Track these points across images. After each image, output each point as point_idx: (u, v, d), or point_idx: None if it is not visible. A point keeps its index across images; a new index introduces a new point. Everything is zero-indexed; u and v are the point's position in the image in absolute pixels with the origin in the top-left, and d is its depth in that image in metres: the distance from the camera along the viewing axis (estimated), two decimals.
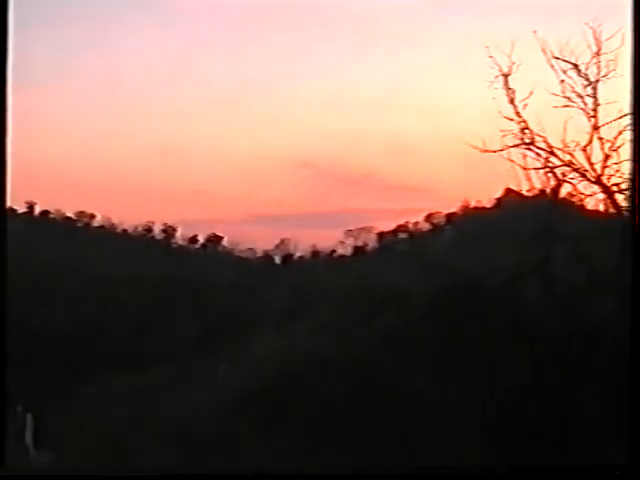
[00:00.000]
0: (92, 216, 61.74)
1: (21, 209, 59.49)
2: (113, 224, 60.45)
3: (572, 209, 18.26)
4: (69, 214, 61.75)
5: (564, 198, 18.25)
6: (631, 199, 6.64)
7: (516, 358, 13.75)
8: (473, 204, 37.32)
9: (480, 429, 13.46)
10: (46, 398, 56.75)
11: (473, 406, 13.71)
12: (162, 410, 35.22)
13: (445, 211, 42.08)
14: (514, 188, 20.35)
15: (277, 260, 61.32)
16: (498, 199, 31.89)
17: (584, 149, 18.21)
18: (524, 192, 18.85)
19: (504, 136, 19.35)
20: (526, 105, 19.31)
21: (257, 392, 22.35)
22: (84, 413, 47.31)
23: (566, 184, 18.25)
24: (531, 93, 19.34)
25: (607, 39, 18.25)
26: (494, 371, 13.77)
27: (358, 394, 21.09)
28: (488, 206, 36.27)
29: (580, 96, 18.83)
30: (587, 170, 17.86)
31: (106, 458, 40.92)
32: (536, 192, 18.44)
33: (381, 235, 59.24)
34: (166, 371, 48.56)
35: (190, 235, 62.14)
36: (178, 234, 64.64)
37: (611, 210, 17.12)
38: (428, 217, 48.27)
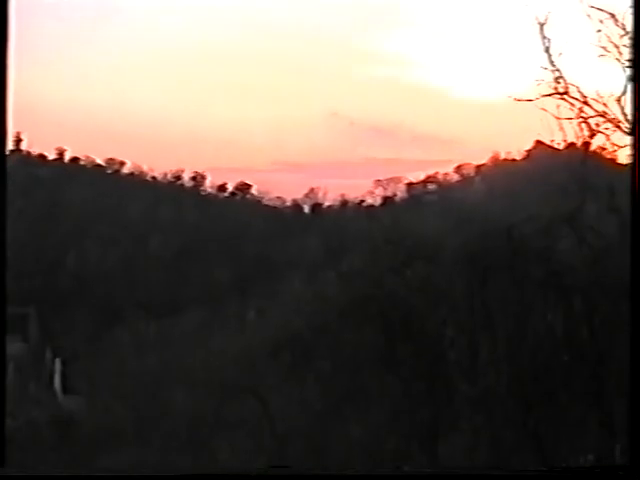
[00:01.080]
0: (122, 163, 61.84)
1: (51, 155, 59.64)
2: (143, 172, 60.59)
3: (604, 161, 18.20)
4: (99, 161, 61.85)
5: (596, 149, 18.18)
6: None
7: (548, 308, 13.77)
8: (503, 156, 37.18)
9: (510, 379, 13.51)
10: (77, 343, 57.29)
11: (504, 356, 13.75)
12: (193, 356, 35.50)
13: (475, 162, 41.95)
14: (545, 140, 20.27)
15: (306, 209, 61.41)
16: (528, 151, 31.75)
17: (618, 100, 18.10)
18: (556, 143, 18.79)
19: (538, 85, 19.24)
20: (561, 54, 19.18)
21: (287, 340, 22.47)
22: (115, 358, 47.76)
23: (599, 135, 18.15)
24: (566, 42, 19.20)
25: None
26: (525, 321, 13.80)
27: (389, 342, 21.19)
28: (518, 158, 36.13)
29: (616, 46, 18.67)
30: (621, 121, 17.77)
31: (136, 404, 41.32)
32: (568, 144, 18.39)
33: (410, 186, 59.15)
34: (197, 317, 48.89)
35: (219, 183, 62.21)
36: (207, 182, 64.77)
37: None
38: (457, 168, 48.11)
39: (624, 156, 18.20)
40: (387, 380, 20.89)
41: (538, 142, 25.61)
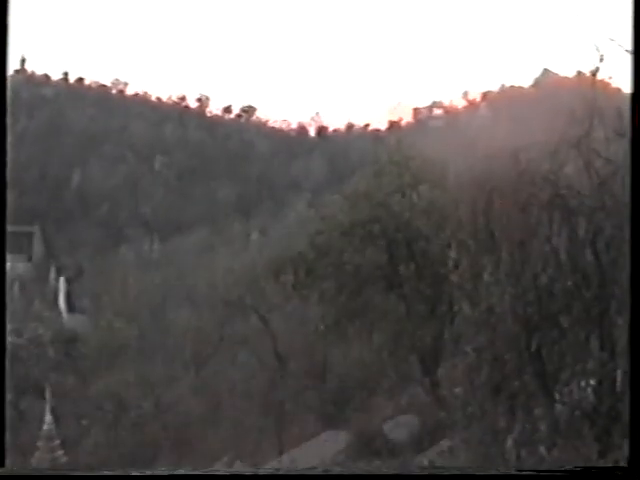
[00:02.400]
0: (126, 84, 61.41)
1: (56, 76, 59.22)
2: (147, 92, 60.18)
3: (612, 86, 18.06)
4: (104, 82, 61.42)
5: (604, 75, 18.02)
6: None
7: (552, 231, 13.73)
8: (509, 83, 36.95)
9: (513, 301, 13.50)
10: (81, 261, 57.45)
11: (506, 278, 13.74)
12: (196, 274, 35.66)
13: (481, 89, 41.72)
14: (553, 67, 20.10)
15: (311, 132, 61.06)
16: (535, 79, 31.50)
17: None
18: (564, 70, 18.62)
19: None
20: None
21: (290, 259, 22.48)
22: (119, 276, 47.95)
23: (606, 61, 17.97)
24: None
25: None
26: (529, 244, 13.77)
27: (391, 262, 21.24)
28: (525, 85, 35.88)
29: None
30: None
31: (140, 321, 41.55)
32: (576, 71, 18.22)
33: (416, 111, 58.76)
34: (200, 236, 49.01)
35: (225, 105, 61.81)
36: (212, 104, 64.30)
37: None
38: (464, 94, 47.85)
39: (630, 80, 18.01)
40: (390, 300, 20.97)
41: (546, 69, 25.42)
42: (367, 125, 58.34)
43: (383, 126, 56.36)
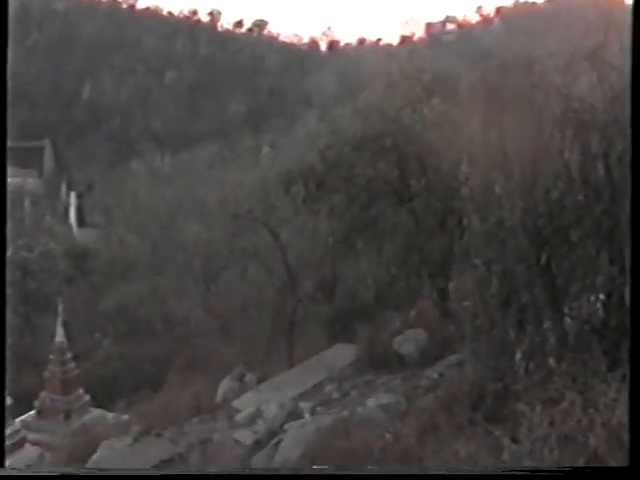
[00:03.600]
0: None
1: None
2: (158, 6, 59.57)
3: None
4: None
5: None
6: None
7: (564, 144, 13.59)
8: None
9: (524, 214, 13.42)
10: (92, 176, 57.40)
11: (517, 191, 13.65)
12: (207, 188, 35.61)
13: (495, 4, 41.17)
14: None
15: (323, 46, 60.52)
16: None
17: None
18: None
19: None
20: None
21: (301, 173, 22.38)
22: (130, 190, 47.95)
23: None
24: None
25: None
26: (541, 156, 13.64)
27: (402, 176, 21.13)
28: (539, 1, 35.36)
29: None
30: None
31: (151, 235, 41.64)
32: None
33: (429, 25, 58.11)
34: (211, 150, 48.89)
35: (236, 19, 61.18)
36: (224, 18, 63.63)
37: None
38: (478, 9, 47.25)
39: None
40: (400, 214, 20.91)
41: None
42: (379, 40, 57.87)
43: (395, 41, 55.90)
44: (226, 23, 64.44)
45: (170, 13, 65.72)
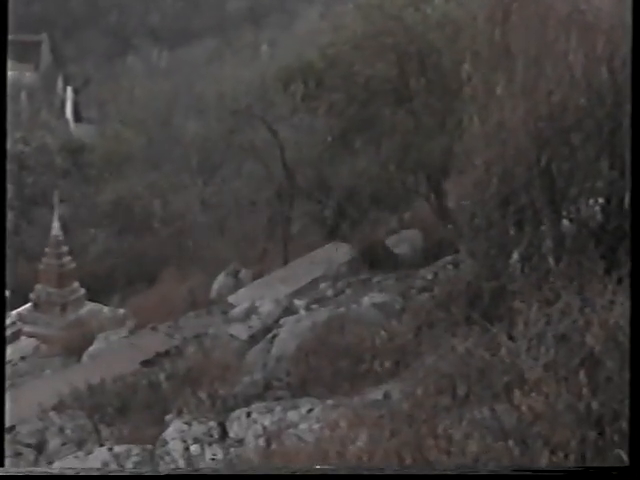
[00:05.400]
0: None
1: None
2: None
3: None
4: None
5: None
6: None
7: (569, 46, 13.42)
8: None
9: (524, 114, 13.32)
10: (88, 70, 56.88)
11: (519, 92, 13.54)
12: (205, 84, 35.27)
13: None
14: None
15: None
16: None
17: None
18: None
19: None
20: None
21: (300, 70, 22.16)
22: (126, 85, 47.57)
23: None
24: None
25: None
26: (545, 58, 13.50)
27: (402, 75, 20.94)
28: None
29: None
30: None
31: (148, 130, 41.39)
32: None
33: None
34: (209, 46, 48.39)
35: None
36: None
37: None
38: None
39: None
40: (399, 114, 20.76)
41: None
42: None
43: None
44: None
45: None
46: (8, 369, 26.23)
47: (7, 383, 23.35)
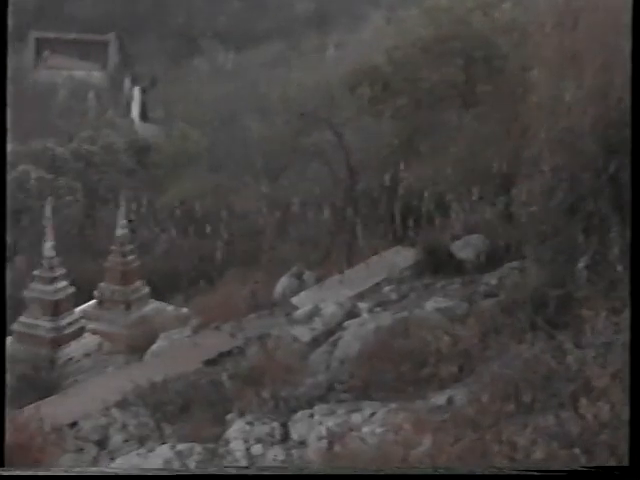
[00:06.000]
0: None
1: None
2: None
3: None
4: None
5: None
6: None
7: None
8: None
9: (593, 120, 13.25)
10: (156, 71, 57.36)
11: (588, 99, 13.46)
12: (270, 86, 35.41)
13: None
14: None
15: None
16: None
17: None
18: None
19: None
20: None
21: (366, 74, 22.22)
22: (193, 86, 47.91)
23: None
24: None
25: None
26: (614, 62, 13.41)
27: (469, 80, 20.90)
28: None
29: None
30: None
31: (213, 131, 41.68)
32: None
33: None
34: (275, 48, 48.53)
35: None
36: None
37: None
38: None
39: None
40: (465, 119, 20.72)
41: None
42: None
43: None
44: None
45: None
46: (72, 366, 26.54)
47: (70, 379, 23.67)
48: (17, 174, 42.37)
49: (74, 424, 14.61)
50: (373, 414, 10.91)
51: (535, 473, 4.83)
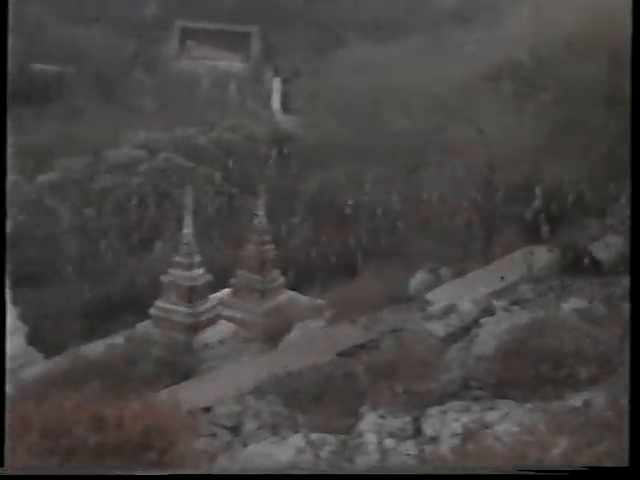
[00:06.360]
0: None
1: None
2: None
3: None
4: None
5: None
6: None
7: None
8: None
9: None
10: (297, 62, 57.75)
11: None
12: (412, 79, 35.39)
13: None
14: None
15: None
16: None
17: None
18: None
19: None
20: None
21: (509, 69, 22.01)
22: (335, 78, 48.11)
23: None
24: None
25: None
26: None
27: (612, 79, 20.49)
28: None
29: None
30: None
31: (353, 123, 41.80)
32: None
33: None
34: (418, 43, 48.43)
35: None
36: None
37: None
38: None
39: None
40: (609, 119, 20.33)
41: None
42: None
43: None
44: None
45: None
46: (208, 351, 26.96)
47: (205, 365, 24.07)
48: (159, 162, 43.25)
49: (208, 409, 14.86)
50: (508, 413, 10.83)
51: (535, 473, 4.80)
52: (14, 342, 28.44)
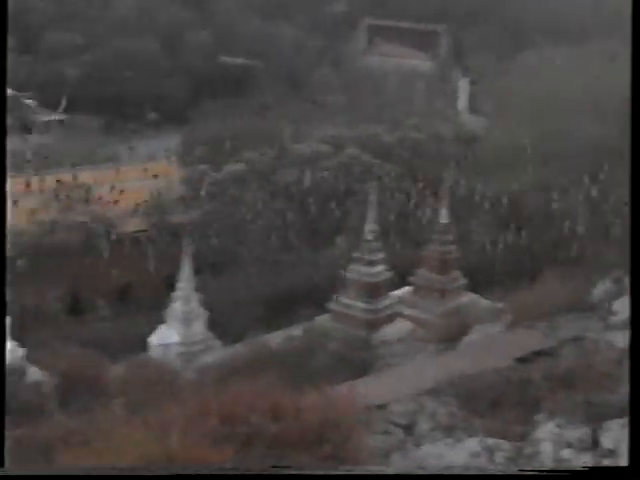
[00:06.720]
0: None
1: None
2: None
3: None
4: None
5: None
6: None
7: None
8: None
9: None
10: (486, 64, 57.15)
11: None
12: (602, 83, 34.46)
13: None
14: None
15: None
16: None
17: None
18: None
19: None
20: None
21: None
22: (522, 80, 47.42)
23: None
24: None
25: None
26: None
27: None
28: None
29: None
30: None
31: (539, 126, 41.09)
32: None
33: None
34: (609, 45, 47.13)
35: None
36: None
37: None
38: None
39: None
40: None
41: None
42: None
43: None
44: None
45: None
46: (385, 348, 26.96)
47: (383, 362, 24.06)
48: (344, 158, 43.48)
49: (383, 406, 14.88)
50: None
51: (536, 473, 4.67)
52: (195, 327, 29.12)
